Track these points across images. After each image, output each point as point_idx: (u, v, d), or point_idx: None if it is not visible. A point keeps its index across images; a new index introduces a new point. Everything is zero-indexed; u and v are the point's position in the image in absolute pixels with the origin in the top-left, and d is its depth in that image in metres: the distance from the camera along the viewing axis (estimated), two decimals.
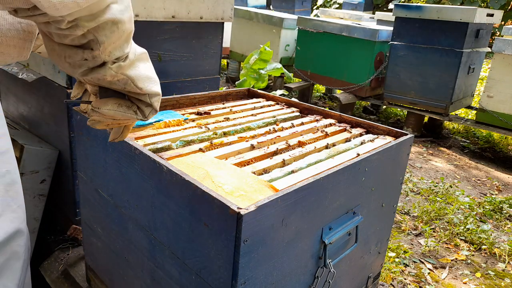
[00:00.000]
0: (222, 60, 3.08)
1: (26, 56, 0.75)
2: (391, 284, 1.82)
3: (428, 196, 2.78)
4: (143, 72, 0.62)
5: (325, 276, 0.96)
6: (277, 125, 1.30)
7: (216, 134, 1.14)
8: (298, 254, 0.85)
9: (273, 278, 0.79)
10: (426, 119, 4.23)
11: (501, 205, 2.67)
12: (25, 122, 1.75)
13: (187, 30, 1.61)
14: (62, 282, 1.42)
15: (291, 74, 2.96)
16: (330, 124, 1.35)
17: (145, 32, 1.47)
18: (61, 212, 1.64)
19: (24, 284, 1.03)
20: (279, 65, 2.52)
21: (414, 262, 2.02)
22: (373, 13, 7.79)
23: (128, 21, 0.54)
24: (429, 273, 1.94)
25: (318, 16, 7.17)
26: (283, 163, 1.01)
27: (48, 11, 0.43)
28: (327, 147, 1.15)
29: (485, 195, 2.91)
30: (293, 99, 1.60)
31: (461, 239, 2.27)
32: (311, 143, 1.17)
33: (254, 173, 0.93)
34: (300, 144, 1.15)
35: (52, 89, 1.46)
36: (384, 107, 4.92)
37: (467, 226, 2.35)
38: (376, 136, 1.27)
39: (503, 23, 9.69)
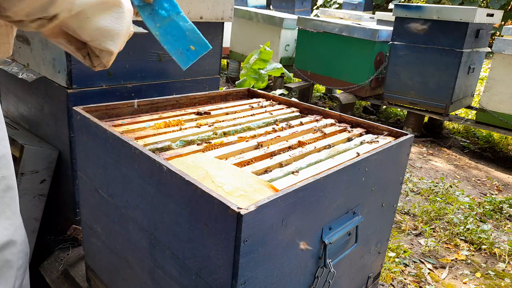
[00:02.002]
0: (222, 60, 3.08)
1: (9, 53, 0.74)
2: (391, 284, 1.82)
3: (428, 196, 2.78)
4: (94, 24, 0.58)
5: (325, 276, 0.96)
6: (277, 125, 1.30)
7: (216, 134, 1.14)
8: (298, 254, 0.85)
9: (273, 278, 0.79)
10: (426, 119, 4.23)
11: (501, 205, 2.67)
12: (25, 122, 1.75)
13: None
14: (62, 282, 1.42)
15: (291, 74, 2.96)
16: (330, 124, 1.35)
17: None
18: (61, 212, 1.64)
19: None
20: (279, 65, 2.52)
21: (414, 262, 2.02)
22: (373, 13, 7.79)
23: None
24: (429, 273, 1.94)
25: (318, 16, 7.17)
26: (283, 163, 1.01)
27: None
28: (327, 147, 1.15)
29: (485, 195, 2.91)
30: (293, 99, 1.60)
31: (461, 239, 2.27)
32: (311, 143, 1.17)
33: (254, 173, 0.93)
34: (300, 144, 1.15)
35: (52, 89, 1.46)
36: (384, 107, 4.92)
37: (467, 226, 2.35)
38: (376, 136, 1.27)
39: (503, 23, 9.69)
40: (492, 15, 3.69)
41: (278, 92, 2.71)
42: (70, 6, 0.53)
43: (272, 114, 1.40)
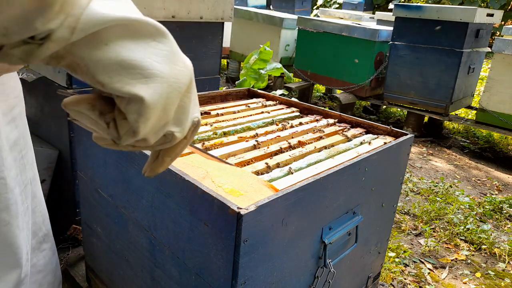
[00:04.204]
0: (222, 60, 3.07)
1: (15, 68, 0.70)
2: (391, 284, 1.82)
3: (428, 196, 2.78)
4: (111, 56, 0.37)
5: (325, 276, 0.96)
6: (277, 125, 1.30)
7: (216, 134, 1.14)
8: (298, 254, 0.85)
9: (273, 278, 0.79)
10: (426, 119, 4.23)
11: (501, 205, 2.67)
12: None
13: (187, 30, 1.61)
14: (62, 282, 1.42)
15: (291, 74, 2.95)
16: (330, 124, 1.35)
17: None
18: (61, 212, 1.64)
19: None
20: (279, 65, 2.52)
21: (414, 262, 2.02)
22: (373, 13, 7.79)
23: None
24: (429, 273, 1.94)
25: (318, 16, 7.17)
26: (283, 163, 1.01)
27: None
28: (326, 147, 1.15)
29: (485, 195, 2.91)
30: (293, 99, 1.60)
31: (461, 239, 2.27)
32: (311, 143, 1.17)
33: (254, 173, 0.93)
34: (300, 144, 1.15)
35: (52, 89, 1.46)
36: (384, 107, 4.92)
37: (467, 226, 2.34)
38: (376, 136, 1.27)
39: (503, 23, 9.69)
40: (492, 15, 3.69)
41: (278, 92, 2.71)
42: (72, 21, 0.33)
43: (272, 114, 1.40)
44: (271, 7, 9.56)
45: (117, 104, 0.39)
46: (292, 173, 0.95)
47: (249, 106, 1.47)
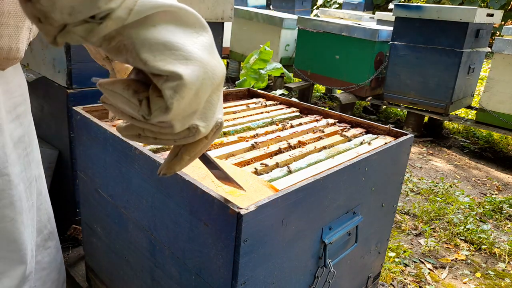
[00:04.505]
0: (222, 60, 3.06)
1: (15, 51, 0.70)
2: (391, 284, 1.82)
3: (428, 196, 2.78)
4: (162, 36, 0.40)
5: (325, 276, 0.96)
6: (277, 125, 1.30)
7: None
8: (298, 254, 0.85)
9: (273, 278, 0.79)
10: (426, 119, 4.23)
11: (501, 205, 2.67)
12: None
13: None
14: None
15: (291, 74, 2.95)
16: (330, 124, 1.35)
17: None
18: (61, 212, 1.64)
19: None
20: (279, 65, 2.51)
21: (414, 262, 2.02)
22: (373, 13, 7.79)
23: None
24: (429, 273, 1.94)
25: (318, 16, 7.17)
26: (283, 163, 1.01)
27: None
28: (326, 147, 1.15)
29: (485, 195, 2.91)
30: (293, 99, 1.60)
31: (461, 239, 2.27)
32: (311, 143, 1.17)
33: (254, 173, 0.93)
34: (300, 144, 1.15)
35: (52, 89, 1.46)
36: (384, 107, 4.92)
37: (467, 226, 2.35)
38: (376, 136, 1.27)
39: (503, 23, 9.69)
40: (492, 15, 3.69)
41: (278, 92, 2.71)
42: (131, 3, 0.37)
43: (272, 114, 1.40)
44: (271, 7, 9.56)
45: (154, 82, 0.41)
46: (290, 172, 0.95)
47: (249, 106, 1.47)
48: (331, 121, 1.38)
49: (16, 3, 0.66)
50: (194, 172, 0.87)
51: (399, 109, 4.36)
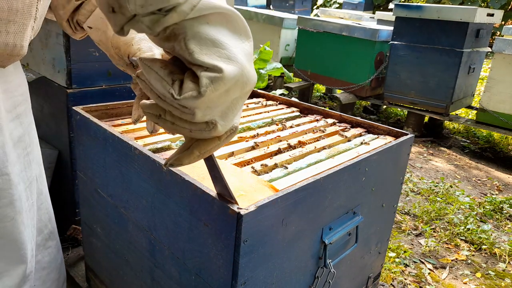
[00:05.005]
0: None
1: (19, 48, 0.71)
2: (391, 284, 1.82)
3: (428, 196, 2.77)
4: (211, 33, 0.43)
5: (325, 276, 0.96)
6: (277, 125, 1.30)
7: None
8: (298, 254, 0.85)
9: (273, 278, 0.79)
10: (426, 119, 4.23)
11: (501, 205, 2.67)
12: None
13: None
14: None
15: (291, 74, 2.95)
16: (330, 124, 1.35)
17: None
18: (61, 212, 1.64)
19: None
20: (279, 65, 2.52)
21: (414, 262, 2.02)
22: (373, 13, 7.79)
23: None
24: (429, 273, 1.94)
25: (318, 16, 7.17)
26: (283, 163, 1.01)
27: None
28: (327, 147, 1.15)
29: (485, 195, 2.91)
30: (293, 99, 1.60)
31: (461, 239, 2.27)
32: (311, 143, 1.17)
33: (254, 173, 0.93)
34: (300, 144, 1.15)
35: (52, 89, 1.46)
36: (384, 107, 4.92)
37: (467, 226, 2.34)
38: (376, 136, 1.26)
39: (503, 23, 9.69)
40: (492, 15, 3.69)
41: (278, 92, 2.71)
42: (196, 0, 0.41)
43: (272, 114, 1.40)
44: (271, 7, 9.55)
45: (194, 70, 0.44)
46: (286, 168, 0.95)
47: (248, 106, 1.47)
48: (331, 121, 1.38)
49: (23, 1, 0.66)
50: (194, 172, 0.86)
51: (399, 109, 4.36)
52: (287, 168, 0.97)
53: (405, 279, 1.87)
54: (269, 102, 1.56)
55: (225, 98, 0.46)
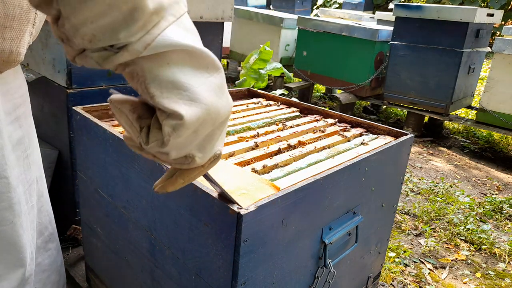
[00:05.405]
0: (222, 60, 3.07)
1: (15, 54, 0.70)
2: (391, 284, 1.82)
3: (428, 196, 2.77)
4: (173, 74, 0.42)
5: (325, 276, 0.96)
6: (277, 125, 1.30)
7: None
8: (298, 254, 0.85)
9: (273, 278, 0.79)
10: (426, 119, 4.23)
11: (501, 205, 2.67)
12: None
13: None
14: None
15: (291, 74, 2.95)
16: (330, 124, 1.35)
17: None
18: (61, 212, 1.64)
19: None
20: (279, 65, 2.51)
21: (414, 262, 2.02)
22: (373, 13, 7.79)
23: None
24: (429, 273, 1.94)
25: (318, 16, 7.17)
26: (283, 163, 1.01)
27: None
28: (326, 147, 1.15)
29: (485, 195, 2.91)
30: (293, 99, 1.60)
31: (461, 239, 2.27)
32: (311, 143, 1.17)
33: (254, 173, 0.93)
34: (300, 144, 1.15)
35: (52, 89, 1.46)
36: (384, 107, 4.92)
37: (467, 226, 2.34)
38: (376, 136, 1.27)
39: (503, 23, 9.69)
40: (492, 15, 3.69)
41: (278, 92, 2.71)
42: (149, 38, 0.39)
43: (272, 114, 1.40)
44: (271, 7, 9.55)
45: (158, 115, 0.43)
46: (282, 167, 0.95)
47: (248, 106, 1.47)
48: (331, 121, 1.38)
49: (21, 7, 0.66)
50: None
51: (399, 109, 4.36)
52: (281, 165, 0.97)
53: (405, 279, 1.87)
54: (269, 102, 1.56)
55: (196, 137, 0.46)
